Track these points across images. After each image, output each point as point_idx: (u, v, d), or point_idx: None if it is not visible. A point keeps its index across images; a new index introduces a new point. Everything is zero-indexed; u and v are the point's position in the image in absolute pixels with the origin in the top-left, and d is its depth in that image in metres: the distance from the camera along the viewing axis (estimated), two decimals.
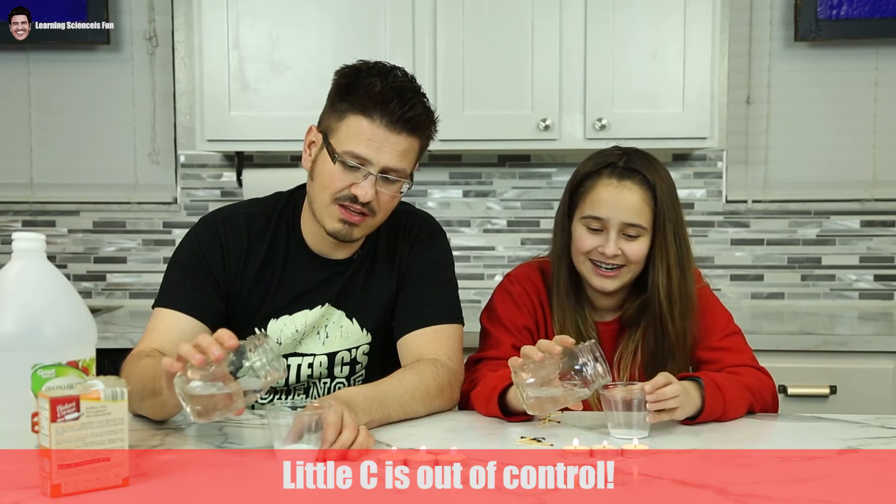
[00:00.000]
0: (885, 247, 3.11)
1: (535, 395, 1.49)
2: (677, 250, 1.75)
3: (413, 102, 1.65)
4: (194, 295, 1.70)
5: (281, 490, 1.25)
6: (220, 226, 1.76)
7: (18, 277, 1.23)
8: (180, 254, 1.76)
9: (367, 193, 1.64)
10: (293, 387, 1.80)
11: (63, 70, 3.17)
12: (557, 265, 1.82)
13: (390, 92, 1.63)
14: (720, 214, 3.13)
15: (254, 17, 2.77)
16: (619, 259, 1.73)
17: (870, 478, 1.31)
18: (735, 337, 1.82)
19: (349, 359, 1.80)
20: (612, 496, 1.21)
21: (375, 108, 1.62)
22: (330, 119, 1.68)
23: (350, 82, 1.66)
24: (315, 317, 1.77)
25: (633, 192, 1.72)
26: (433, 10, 2.74)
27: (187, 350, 1.32)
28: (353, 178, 1.65)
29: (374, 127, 1.63)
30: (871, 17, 2.98)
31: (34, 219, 3.21)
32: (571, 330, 1.78)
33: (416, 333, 1.74)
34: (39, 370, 1.20)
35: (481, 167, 3.14)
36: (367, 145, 1.63)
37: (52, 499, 1.16)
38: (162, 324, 1.69)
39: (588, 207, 1.74)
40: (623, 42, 2.74)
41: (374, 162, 1.64)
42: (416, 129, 1.66)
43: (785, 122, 3.11)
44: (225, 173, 3.18)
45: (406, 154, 1.66)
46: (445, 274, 1.82)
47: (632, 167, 1.74)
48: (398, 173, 1.66)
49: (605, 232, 1.73)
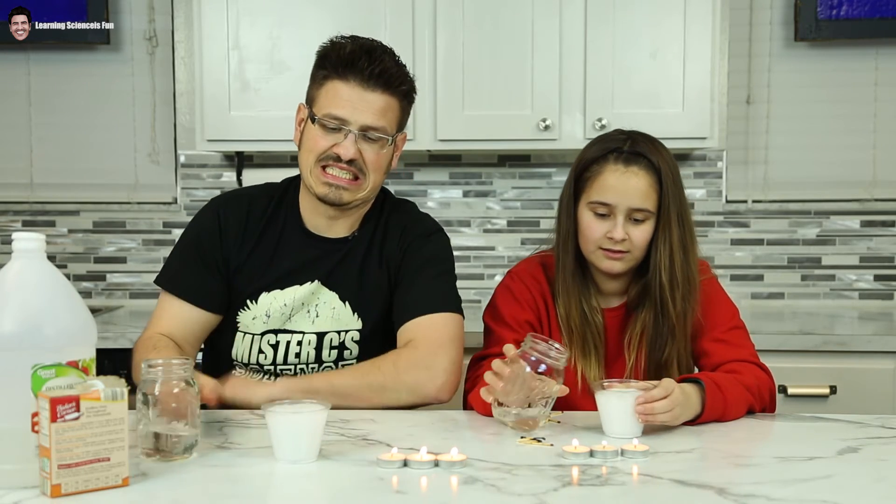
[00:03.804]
0: (885, 247, 3.11)
1: (516, 419, 1.52)
2: (680, 232, 1.76)
3: (382, 58, 1.73)
4: (196, 281, 1.81)
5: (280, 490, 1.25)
6: (221, 207, 1.85)
7: (18, 277, 1.23)
8: (185, 237, 1.87)
9: (349, 151, 1.72)
10: (281, 370, 1.81)
11: (63, 70, 3.17)
12: (563, 249, 1.81)
13: (359, 50, 1.73)
14: (720, 214, 3.13)
15: (254, 17, 2.77)
16: (625, 244, 1.74)
17: (870, 478, 1.31)
18: (739, 331, 1.82)
19: (337, 342, 1.81)
20: (612, 496, 1.21)
21: (347, 69, 1.72)
22: (312, 89, 1.79)
23: (325, 51, 1.77)
24: (304, 293, 1.80)
25: (639, 177, 1.73)
26: (433, 10, 2.74)
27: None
28: (335, 138, 1.74)
29: (349, 88, 1.72)
30: (871, 17, 2.98)
31: (34, 219, 3.21)
32: (577, 315, 1.79)
33: (408, 324, 1.76)
34: (39, 370, 1.20)
35: (481, 167, 3.15)
36: (345, 105, 1.72)
37: (52, 499, 1.16)
38: (167, 311, 1.81)
39: (595, 193, 1.75)
40: (623, 42, 2.74)
41: (352, 121, 1.72)
42: (390, 84, 1.73)
43: (785, 122, 3.11)
44: (225, 173, 3.18)
45: (385, 112, 1.74)
46: (440, 267, 1.83)
47: (637, 151, 1.74)
48: (378, 131, 1.74)
49: (612, 217, 1.74)
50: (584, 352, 1.79)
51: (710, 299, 1.82)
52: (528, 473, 1.30)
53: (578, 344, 1.79)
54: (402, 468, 1.31)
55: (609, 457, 1.37)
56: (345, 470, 1.32)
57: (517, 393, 1.51)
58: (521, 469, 1.32)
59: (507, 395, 1.51)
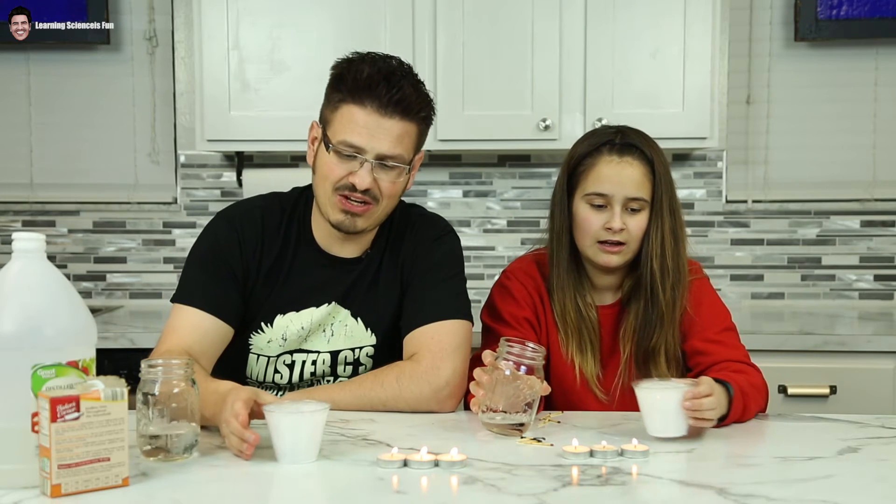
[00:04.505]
0: (885, 247, 3.11)
1: (503, 423, 1.52)
2: (672, 222, 1.78)
3: (401, 84, 1.65)
4: (214, 292, 1.71)
5: (280, 490, 1.25)
6: (237, 220, 1.77)
7: (18, 277, 1.23)
8: (199, 249, 1.77)
9: (364, 181, 1.65)
10: (296, 385, 1.80)
11: (63, 70, 3.17)
12: (557, 245, 1.82)
13: (377, 75, 1.64)
14: (720, 214, 3.13)
15: (254, 17, 2.77)
16: (623, 235, 1.75)
17: (870, 478, 1.31)
18: (732, 333, 1.83)
19: (352, 358, 1.80)
20: (612, 496, 1.21)
21: (364, 94, 1.64)
22: (326, 111, 1.71)
23: (341, 72, 1.69)
24: (321, 315, 1.77)
25: (634, 167, 1.75)
26: (433, 10, 2.74)
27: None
28: (350, 167, 1.67)
29: (366, 114, 1.64)
30: (871, 17, 2.98)
31: (34, 219, 3.21)
32: (572, 310, 1.80)
33: (415, 332, 1.74)
34: (39, 370, 1.20)
35: (481, 167, 3.14)
36: (361, 133, 1.65)
37: (52, 499, 1.16)
38: (184, 322, 1.69)
39: (591, 184, 1.76)
40: (623, 42, 2.74)
41: (369, 149, 1.65)
42: (408, 112, 1.66)
43: (785, 122, 3.11)
44: (225, 173, 3.18)
45: (401, 139, 1.67)
46: (448, 272, 1.80)
47: (629, 143, 1.77)
48: (395, 159, 1.67)
49: (608, 208, 1.75)
50: (580, 347, 1.80)
51: (702, 299, 1.83)
52: (528, 473, 1.30)
53: (575, 338, 1.80)
54: (402, 468, 1.31)
55: (609, 457, 1.37)
56: (345, 470, 1.32)
57: (500, 398, 1.51)
58: (521, 469, 1.32)
59: (491, 401, 1.51)
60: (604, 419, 1.65)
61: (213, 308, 1.70)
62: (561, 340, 1.81)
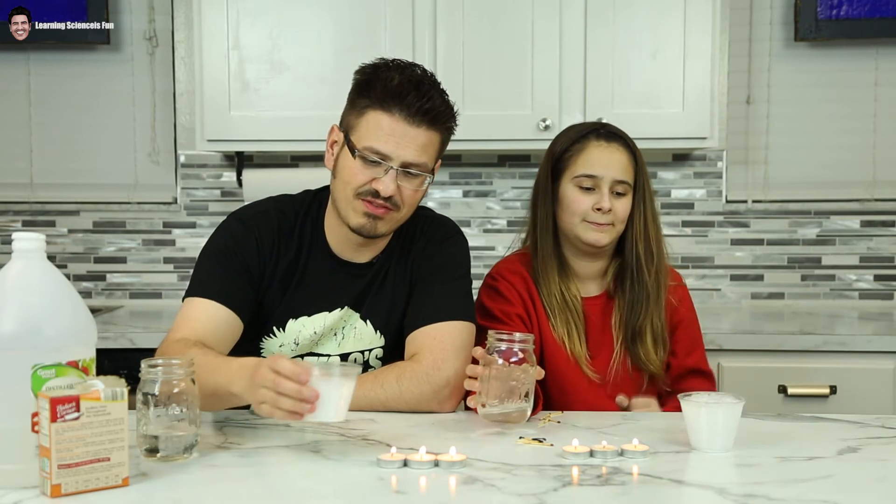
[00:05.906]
0: (885, 247, 3.11)
1: (504, 413, 1.54)
2: (652, 209, 1.90)
3: (431, 94, 1.66)
4: (229, 285, 1.70)
5: (280, 490, 1.25)
6: (252, 221, 1.76)
7: (18, 277, 1.23)
8: (213, 247, 1.76)
9: (388, 188, 1.66)
10: None
11: (63, 70, 3.17)
12: (542, 231, 1.89)
13: (408, 85, 1.65)
14: (720, 214, 3.13)
15: (254, 17, 2.77)
16: (609, 216, 1.83)
17: (870, 478, 1.31)
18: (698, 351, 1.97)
19: (361, 361, 1.80)
20: (612, 496, 1.21)
21: (394, 102, 1.64)
22: (350, 116, 1.70)
23: (369, 78, 1.68)
24: (333, 319, 1.78)
25: (620, 152, 1.85)
26: (433, 10, 2.74)
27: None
28: (374, 173, 1.67)
29: (394, 121, 1.65)
30: (871, 17, 2.98)
31: (34, 219, 3.21)
32: (557, 294, 1.86)
33: (417, 332, 1.74)
34: (39, 370, 1.20)
35: (481, 167, 3.15)
36: (387, 140, 1.65)
37: (52, 499, 1.16)
38: (198, 312, 1.68)
39: (581, 167, 1.84)
40: (623, 42, 2.74)
41: (395, 157, 1.66)
42: (436, 121, 1.68)
43: (785, 122, 3.11)
44: (225, 173, 3.18)
45: (426, 148, 1.68)
46: (453, 273, 1.80)
47: (613, 132, 1.88)
48: (419, 167, 1.68)
49: (597, 190, 1.83)
50: (568, 330, 1.86)
51: (688, 309, 1.96)
52: (528, 473, 1.30)
53: (563, 320, 1.86)
54: (401, 468, 1.31)
55: (609, 457, 1.37)
56: (345, 470, 1.32)
57: (497, 389, 1.53)
58: (521, 469, 1.32)
59: (488, 394, 1.53)
60: (604, 419, 1.65)
61: (229, 301, 1.69)
62: (551, 324, 1.85)
